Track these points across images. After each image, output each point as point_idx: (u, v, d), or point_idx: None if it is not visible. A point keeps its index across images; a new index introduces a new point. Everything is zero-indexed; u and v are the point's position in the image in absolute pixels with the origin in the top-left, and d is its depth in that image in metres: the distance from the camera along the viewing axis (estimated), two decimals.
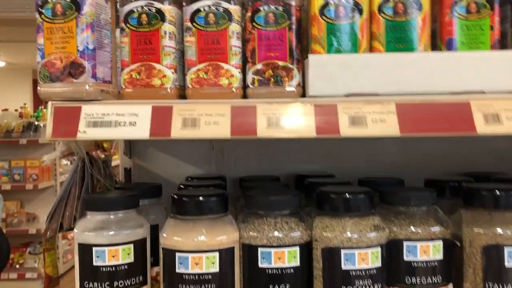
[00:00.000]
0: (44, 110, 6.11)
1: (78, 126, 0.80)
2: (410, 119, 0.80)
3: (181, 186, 1.08)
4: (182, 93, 0.91)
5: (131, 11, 0.87)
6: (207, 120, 0.81)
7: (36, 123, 5.43)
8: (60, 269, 4.49)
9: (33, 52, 0.84)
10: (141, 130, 0.80)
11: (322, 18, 0.85)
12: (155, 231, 0.91)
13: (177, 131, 0.80)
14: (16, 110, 6.26)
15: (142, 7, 0.87)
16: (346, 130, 0.80)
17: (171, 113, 0.82)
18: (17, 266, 4.98)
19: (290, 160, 1.31)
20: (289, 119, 0.81)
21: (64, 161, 5.58)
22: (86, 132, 0.80)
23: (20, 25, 5.36)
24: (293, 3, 0.88)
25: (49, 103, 0.82)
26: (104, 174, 1.14)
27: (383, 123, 0.80)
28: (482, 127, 0.79)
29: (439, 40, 0.88)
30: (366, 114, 0.81)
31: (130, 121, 0.81)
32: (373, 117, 0.81)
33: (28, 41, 6.21)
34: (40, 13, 0.81)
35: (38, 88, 0.82)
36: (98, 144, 1.29)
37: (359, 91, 0.83)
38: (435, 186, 1.01)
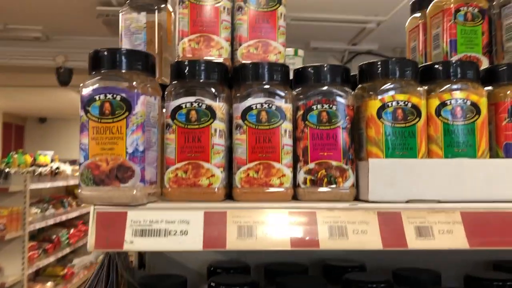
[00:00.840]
0: (15, 156, 5.90)
1: (125, 235, 0.73)
2: (477, 230, 0.77)
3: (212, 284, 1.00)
4: (228, 192, 0.85)
5: (179, 107, 0.82)
6: (263, 229, 0.75)
7: (7, 170, 5.20)
8: None
9: (6, 95, 0.77)
10: (194, 241, 0.73)
11: (380, 121, 0.82)
12: None
13: (233, 242, 0.74)
14: None
15: (191, 103, 0.82)
16: (413, 242, 0.75)
17: (225, 221, 0.76)
18: None
19: None
20: (353, 228, 0.76)
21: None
22: (133, 243, 0.72)
23: None
24: (347, 102, 0.85)
25: (91, 207, 0.75)
26: (125, 265, 1.05)
27: (450, 235, 0.76)
28: None
29: (495, 144, 0.87)
30: (432, 224, 0.77)
31: (181, 229, 0.74)
32: (440, 227, 0.77)
33: (3, 85, 6.07)
34: (86, 111, 0.75)
35: (79, 191, 0.75)
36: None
37: (421, 198, 0.80)
38: (477, 285, 0.97)
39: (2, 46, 4.70)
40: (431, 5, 1.13)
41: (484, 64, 1.05)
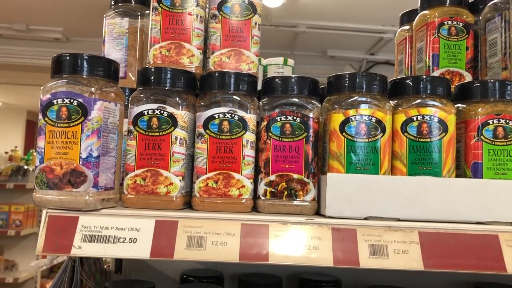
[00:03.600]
0: (35, 153, 6.03)
1: (74, 240, 0.73)
2: (434, 252, 0.74)
3: None
4: (188, 201, 0.85)
5: (141, 114, 0.82)
6: (214, 239, 0.75)
7: (26, 167, 5.32)
8: None
9: (29, 94, 0.78)
10: (142, 249, 0.73)
11: (343, 135, 0.80)
12: None
13: (181, 252, 0.73)
14: (6, 153, 6.17)
15: (153, 110, 0.82)
16: (365, 261, 0.73)
17: (175, 230, 0.75)
18: None
19: None
20: (304, 244, 0.74)
21: None
22: (81, 248, 0.72)
23: (18, 70, 5.37)
24: (311, 115, 0.83)
25: (44, 211, 0.75)
26: (94, 269, 1.06)
27: (405, 255, 0.74)
28: None
29: (463, 163, 0.84)
30: (388, 243, 0.75)
31: (131, 237, 0.74)
32: (395, 247, 0.75)
33: (25, 84, 6.22)
34: (44, 115, 0.76)
35: (34, 193, 0.76)
36: None
37: (380, 215, 0.78)
38: None
39: (24, 46, 4.82)
40: (417, 17, 1.11)
41: (468, 79, 1.03)
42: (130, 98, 0.84)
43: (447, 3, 1.06)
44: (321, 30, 4.57)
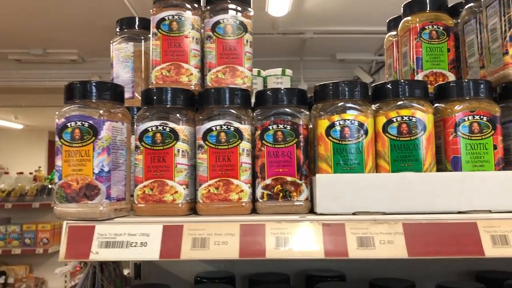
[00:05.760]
0: None
1: (91, 246, 0.82)
2: (417, 241, 0.81)
3: None
4: (193, 207, 0.93)
5: (146, 130, 0.91)
6: (216, 240, 0.83)
7: (50, 186, 5.49)
8: None
9: (49, 115, 0.88)
10: (152, 251, 0.82)
11: (329, 138, 0.88)
12: None
13: (187, 252, 0.81)
14: (30, 173, 6.36)
15: (156, 126, 0.91)
16: (354, 252, 0.80)
17: (181, 233, 0.84)
18: None
19: None
20: (297, 239, 0.82)
21: None
22: (98, 253, 0.81)
23: (38, 93, 5.58)
24: (301, 122, 0.91)
25: (64, 222, 0.84)
26: (114, 275, 1.15)
27: (390, 245, 0.81)
28: (490, 250, 0.79)
29: (444, 157, 0.91)
30: (374, 235, 0.82)
31: (142, 241, 0.83)
32: (381, 238, 0.82)
33: (46, 105, 6.42)
34: (60, 137, 0.85)
35: (55, 207, 0.85)
36: None
37: (366, 210, 0.85)
38: None
39: (42, 69, 5.02)
40: (400, 24, 1.18)
41: (451, 79, 1.09)
42: (136, 117, 0.93)
43: (428, 9, 1.13)
44: (328, 35, 4.64)
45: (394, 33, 1.29)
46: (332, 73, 5.41)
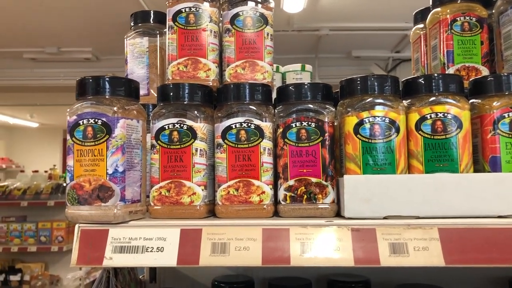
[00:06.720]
0: None
1: (105, 251, 0.77)
2: (454, 247, 0.75)
3: None
4: (211, 209, 0.88)
5: (162, 128, 0.86)
6: (237, 245, 0.78)
7: (64, 184, 5.51)
8: None
9: (64, 113, 0.84)
10: (169, 257, 0.77)
11: (357, 137, 0.82)
12: None
13: (206, 258, 0.76)
14: (45, 172, 6.39)
15: (173, 124, 0.86)
16: (386, 259, 0.75)
17: (200, 237, 0.78)
18: None
19: None
20: (324, 246, 0.76)
21: None
22: (112, 259, 0.77)
23: (53, 91, 5.58)
24: (326, 119, 0.85)
25: (76, 226, 0.80)
26: (129, 279, 1.10)
27: (425, 251, 0.75)
28: None
29: (481, 157, 0.84)
30: (407, 240, 0.76)
31: (158, 246, 0.78)
32: (415, 244, 0.76)
33: (60, 104, 6.45)
34: (72, 135, 0.80)
35: (66, 210, 0.81)
36: None
37: (398, 214, 0.79)
38: None
39: (57, 68, 5.02)
40: (429, 15, 1.11)
41: (484, 73, 1.03)
42: (151, 114, 0.89)
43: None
44: (344, 32, 4.56)
45: (421, 26, 1.22)
46: (348, 70, 5.32)
